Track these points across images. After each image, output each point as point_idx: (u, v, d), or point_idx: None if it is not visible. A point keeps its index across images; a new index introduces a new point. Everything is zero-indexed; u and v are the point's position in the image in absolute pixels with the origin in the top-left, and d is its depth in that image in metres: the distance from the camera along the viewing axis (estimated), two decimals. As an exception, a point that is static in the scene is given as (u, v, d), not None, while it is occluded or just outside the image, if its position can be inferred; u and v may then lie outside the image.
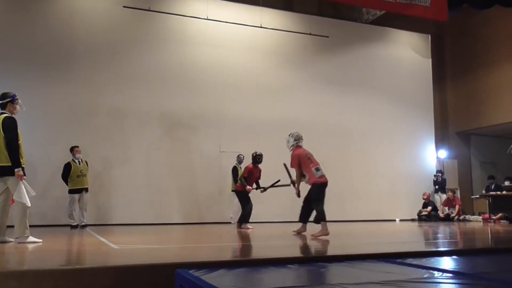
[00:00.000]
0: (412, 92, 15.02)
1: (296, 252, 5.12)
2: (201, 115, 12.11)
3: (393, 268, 3.64)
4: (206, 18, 12.46)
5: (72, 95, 10.92)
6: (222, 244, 6.27)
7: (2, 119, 5.69)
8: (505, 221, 12.72)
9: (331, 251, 4.84)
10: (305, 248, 5.66)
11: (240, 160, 11.24)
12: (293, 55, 13.55)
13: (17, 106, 5.88)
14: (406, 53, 15.31)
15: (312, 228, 7.11)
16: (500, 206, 12.81)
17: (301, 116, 13.07)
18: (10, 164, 5.56)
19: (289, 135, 7.50)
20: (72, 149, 9.65)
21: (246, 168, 9.28)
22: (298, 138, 7.42)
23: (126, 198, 11.06)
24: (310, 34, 13.67)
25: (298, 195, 7.29)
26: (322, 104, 13.52)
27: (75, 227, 9.34)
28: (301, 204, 7.32)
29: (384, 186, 13.83)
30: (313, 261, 3.84)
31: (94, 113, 11.09)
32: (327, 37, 13.95)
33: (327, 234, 6.69)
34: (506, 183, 13.16)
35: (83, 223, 9.49)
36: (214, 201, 11.86)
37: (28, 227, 5.65)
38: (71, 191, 9.48)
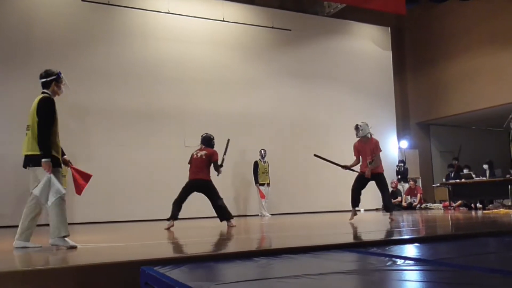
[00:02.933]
0: (374, 84, 15.26)
1: (262, 245, 5.14)
2: (164, 110, 11.96)
3: (357, 258, 3.70)
4: (167, 12, 12.29)
5: (30, 91, 10.47)
6: (187, 240, 6.23)
7: (39, 99, 4.84)
8: (464, 208, 13.14)
9: (296, 242, 4.87)
10: (270, 240, 5.69)
11: (262, 155, 11.75)
12: (256, 49, 13.54)
13: (62, 86, 5.02)
14: (367, 45, 15.54)
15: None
16: (459, 194, 13.20)
17: (265, 109, 13.15)
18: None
19: (364, 123, 8.04)
20: None
21: (215, 153, 7.74)
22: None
23: (89, 197, 10.72)
24: (272, 27, 13.69)
25: (369, 175, 8.10)
26: (286, 97, 13.58)
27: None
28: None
29: (349, 177, 13.94)
30: (278, 253, 3.85)
31: (53, 110, 10.79)
32: (290, 30, 14.00)
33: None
34: (465, 171, 13.57)
35: None
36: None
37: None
38: None
